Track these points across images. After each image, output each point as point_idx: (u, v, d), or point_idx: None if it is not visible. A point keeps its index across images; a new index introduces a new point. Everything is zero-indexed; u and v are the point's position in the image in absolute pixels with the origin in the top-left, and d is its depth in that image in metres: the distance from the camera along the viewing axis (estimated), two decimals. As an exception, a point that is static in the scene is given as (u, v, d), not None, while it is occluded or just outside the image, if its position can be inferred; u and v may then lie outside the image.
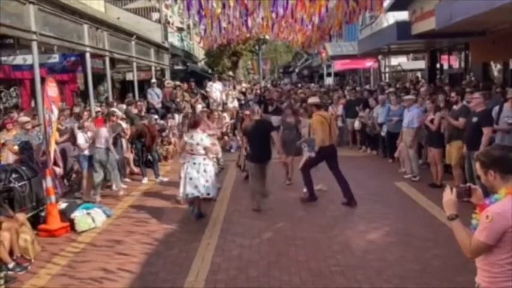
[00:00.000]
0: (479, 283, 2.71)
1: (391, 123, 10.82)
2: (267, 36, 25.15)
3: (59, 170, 8.68)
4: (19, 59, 13.41)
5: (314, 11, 11.32)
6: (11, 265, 5.59)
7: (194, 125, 7.66)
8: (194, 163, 7.37)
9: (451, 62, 19.83)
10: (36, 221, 7.06)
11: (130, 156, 11.14)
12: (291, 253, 5.88)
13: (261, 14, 11.73)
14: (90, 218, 7.28)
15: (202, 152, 7.45)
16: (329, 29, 13.67)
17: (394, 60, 27.35)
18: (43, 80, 8.17)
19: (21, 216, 6.39)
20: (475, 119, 7.31)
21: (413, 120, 9.33)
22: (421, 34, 13.92)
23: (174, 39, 26.18)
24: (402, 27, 14.84)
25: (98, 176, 8.80)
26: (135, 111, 12.24)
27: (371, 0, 10.64)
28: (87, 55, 12.12)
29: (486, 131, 7.04)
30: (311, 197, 8.19)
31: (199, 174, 7.30)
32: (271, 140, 8.10)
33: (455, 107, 8.37)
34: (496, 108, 7.55)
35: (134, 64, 17.15)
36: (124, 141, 10.46)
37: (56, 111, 7.56)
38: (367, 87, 20.28)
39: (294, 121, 9.87)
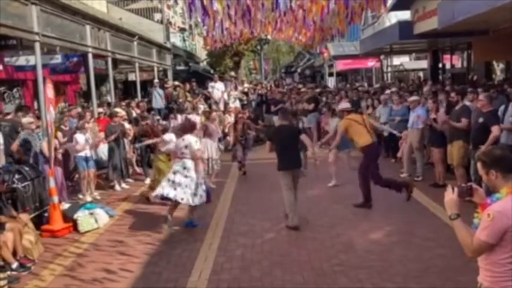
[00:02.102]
0: (482, 282, 2.72)
1: (393, 123, 10.79)
2: (268, 36, 25.14)
3: None
4: (22, 60, 13.41)
5: (316, 10, 11.30)
6: (14, 265, 5.60)
7: (190, 129, 7.28)
8: (184, 167, 6.92)
9: (453, 61, 19.80)
10: (39, 222, 7.09)
11: (133, 156, 11.15)
12: (294, 253, 5.89)
13: (262, 14, 11.69)
14: (93, 219, 7.30)
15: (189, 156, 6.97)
16: (331, 30, 13.66)
17: (396, 60, 27.31)
18: (46, 80, 8.19)
19: (25, 217, 6.41)
20: (481, 120, 7.27)
21: (418, 121, 9.30)
22: (424, 34, 13.91)
23: (176, 39, 26.24)
24: (404, 27, 14.83)
25: None
26: (137, 111, 12.25)
27: (373, 0, 10.62)
28: (90, 56, 12.14)
29: (494, 130, 7.01)
30: (365, 203, 7.82)
31: (187, 179, 6.86)
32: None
33: (456, 108, 8.34)
34: (502, 107, 7.53)
35: (136, 65, 17.17)
36: (127, 142, 10.47)
37: (52, 112, 7.60)
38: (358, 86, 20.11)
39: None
